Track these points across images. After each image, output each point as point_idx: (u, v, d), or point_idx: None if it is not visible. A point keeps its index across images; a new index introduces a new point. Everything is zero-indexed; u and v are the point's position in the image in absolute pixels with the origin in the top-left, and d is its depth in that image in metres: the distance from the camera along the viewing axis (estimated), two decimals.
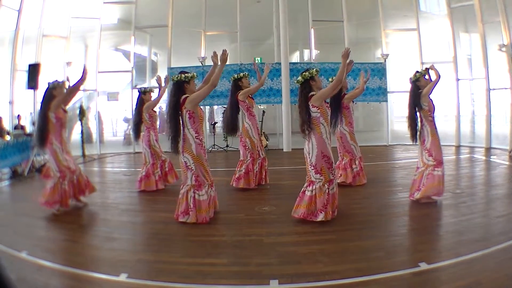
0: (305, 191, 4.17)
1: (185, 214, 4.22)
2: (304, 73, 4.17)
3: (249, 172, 5.77)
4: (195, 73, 4.34)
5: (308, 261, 3.12)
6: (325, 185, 4.05)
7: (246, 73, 5.98)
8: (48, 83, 4.91)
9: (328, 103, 4.31)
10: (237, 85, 5.84)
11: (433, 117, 4.81)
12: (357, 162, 5.96)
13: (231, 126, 5.78)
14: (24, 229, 4.21)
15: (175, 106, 4.18)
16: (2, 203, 5.75)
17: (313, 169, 4.09)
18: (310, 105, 4.08)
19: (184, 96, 4.19)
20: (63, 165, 4.81)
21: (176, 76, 4.24)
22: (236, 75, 5.91)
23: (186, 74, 4.22)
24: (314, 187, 4.09)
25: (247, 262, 3.14)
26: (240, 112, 5.87)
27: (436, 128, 4.79)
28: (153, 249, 3.59)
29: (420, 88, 4.80)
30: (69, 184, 4.86)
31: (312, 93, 4.13)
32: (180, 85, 4.23)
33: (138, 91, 6.41)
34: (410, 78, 4.90)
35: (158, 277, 2.87)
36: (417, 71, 4.89)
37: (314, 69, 4.24)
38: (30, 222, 4.47)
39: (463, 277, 2.76)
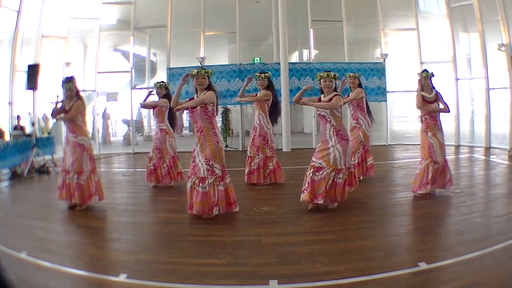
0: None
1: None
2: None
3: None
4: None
5: (307, 261, 3.11)
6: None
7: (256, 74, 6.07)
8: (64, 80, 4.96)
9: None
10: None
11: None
12: None
13: None
14: (24, 230, 4.21)
15: None
16: (2, 204, 5.74)
17: None
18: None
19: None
20: (63, 161, 5.12)
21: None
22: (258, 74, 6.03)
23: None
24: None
25: (246, 262, 3.14)
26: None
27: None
28: (152, 249, 3.60)
29: (423, 88, 4.95)
30: (63, 180, 4.92)
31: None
32: None
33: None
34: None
35: (157, 278, 2.87)
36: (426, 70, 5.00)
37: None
38: (29, 223, 4.47)
39: (463, 276, 2.76)
